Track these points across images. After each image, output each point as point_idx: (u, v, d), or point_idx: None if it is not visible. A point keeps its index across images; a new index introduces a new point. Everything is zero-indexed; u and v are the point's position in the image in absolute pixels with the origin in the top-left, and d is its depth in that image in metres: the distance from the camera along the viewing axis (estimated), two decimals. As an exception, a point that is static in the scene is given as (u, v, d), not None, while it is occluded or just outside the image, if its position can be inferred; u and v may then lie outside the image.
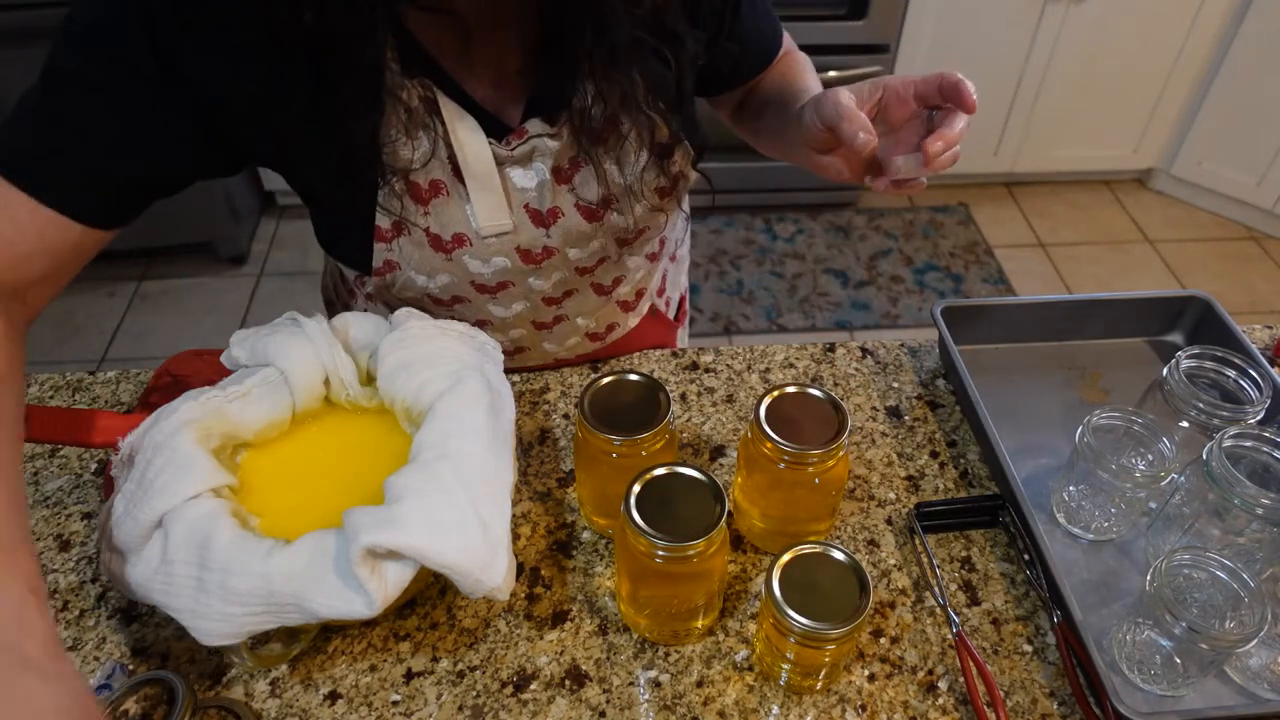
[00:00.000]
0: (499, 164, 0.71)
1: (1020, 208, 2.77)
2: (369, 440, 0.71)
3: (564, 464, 0.81)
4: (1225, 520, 0.69)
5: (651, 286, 0.95)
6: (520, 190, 0.73)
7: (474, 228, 0.73)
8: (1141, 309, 0.95)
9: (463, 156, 0.69)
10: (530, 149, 0.71)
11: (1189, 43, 2.44)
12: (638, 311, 0.94)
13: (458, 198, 0.72)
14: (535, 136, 0.70)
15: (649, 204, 0.77)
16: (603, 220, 0.77)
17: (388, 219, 0.72)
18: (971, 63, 2.44)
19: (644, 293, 0.93)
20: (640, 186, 0.75)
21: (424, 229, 0.73)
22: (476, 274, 0.77)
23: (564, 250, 0.78)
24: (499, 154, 0.70)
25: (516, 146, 0.70)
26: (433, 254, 0.75)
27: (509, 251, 0.76)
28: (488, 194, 0.71)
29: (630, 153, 0.73)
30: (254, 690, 0.65)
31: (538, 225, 0.75)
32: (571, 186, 0.74)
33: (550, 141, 0.71)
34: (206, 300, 2.43)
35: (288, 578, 0.57)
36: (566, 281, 0.82)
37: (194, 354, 0.80)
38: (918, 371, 0.92)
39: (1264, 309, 2.44)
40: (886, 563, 0.74)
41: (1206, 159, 2.63)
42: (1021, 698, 0.66)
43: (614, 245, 0.81)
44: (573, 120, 0.69)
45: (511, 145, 0.70)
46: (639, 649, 0.68)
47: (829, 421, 0.67)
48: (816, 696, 0.65)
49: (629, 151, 0.73)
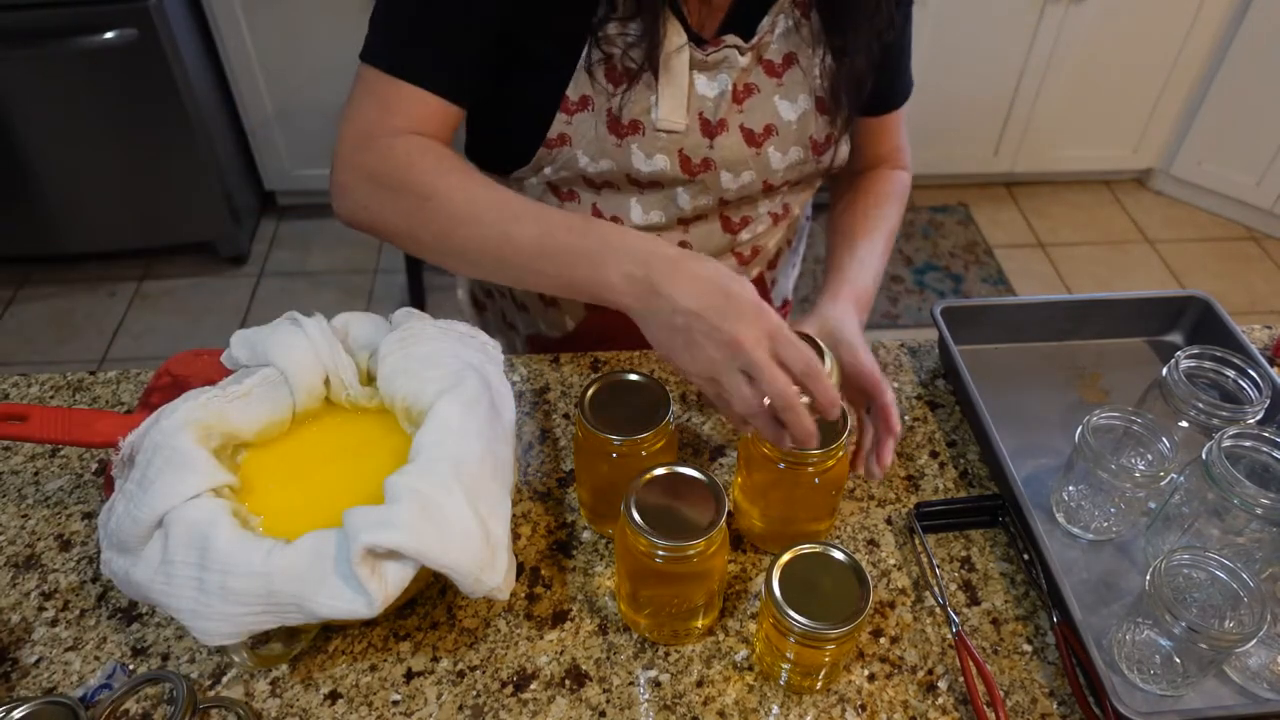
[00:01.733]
0: (691, 66, 0.78)
1: (1020, 208, 2.77)
2: (369, 440, 0.71)
3: (564, 464, 0.81)
4: (1225, 520, 0.69)
5: (766, 251, 0.99)
6: (700, 96, 0.80)
7: (652, 119, 0.80)
8: (1141, 309, 0.95)
9: (665, 51, 0.77)
10: (723, 57, 0.79)
11: (1189, 43, 2.44)
12: (749, 270, 0.99)
13: (645, 87, 0.78)
14: (729, 47, 0.79)
15: (801, 153, 0.86)
16: (760, 149, 0.84)
17: (577, 91, 0.79)
18: (971, 63, 2.44)
19: (760, 252, 0.98)
20: (799, 126, 0.84)
21: (607, 109, 0.79)
22: (636, 169, 0.83)
23: (719, 170, 0.84)
24: (695, 56, 0.78)
25: (711, 53, 0.79)
26: (606, 135, 0.81)
27: (672, 152, 0.82)
28: (674, 90, 0.79)
29: (798, 93, 0.83)
30: (254, 690, 0.65)
31: (704, 134, 0.82)
32: (741, 109, 0.82)
33: (739, 57, 0.79)
34: (206, 300, 2.43)
35: (288, 578, 0.57)
36: (705, 207, 0.88)
37: (194, 354, 0.80)
38: (918, 371, 0.92)
39: (1264, 309, 2.44)
40: (886, 563, 0.74)
41: (1206, 159, 2.63)
42: (1021, 697, 0.66)
43: (760, 185, 0.87)
44: (764, 44, 0.80)
45: (707, 51, 0.78)
46: (639, 649, 0.68)
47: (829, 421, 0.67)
48: (816, 696, 0.65)
49: (797, 92, 0.83)
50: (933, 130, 2.55)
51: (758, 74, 0.81)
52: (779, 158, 0.85)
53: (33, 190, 2.25)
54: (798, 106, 0.83)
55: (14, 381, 0.88)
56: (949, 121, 2.57)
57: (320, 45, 2.27)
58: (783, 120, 0.83)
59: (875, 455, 0.71)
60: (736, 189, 0.86)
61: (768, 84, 0.82)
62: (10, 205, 2.27)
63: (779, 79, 0.82)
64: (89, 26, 1.97)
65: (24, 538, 0.74)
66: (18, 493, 0.78)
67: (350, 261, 2.55)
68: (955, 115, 2.55)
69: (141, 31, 2.00)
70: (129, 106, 2.14)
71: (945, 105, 2.52)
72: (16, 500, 0.77)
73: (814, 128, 0.85)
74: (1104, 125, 2.63)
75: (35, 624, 0.68)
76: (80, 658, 0.66)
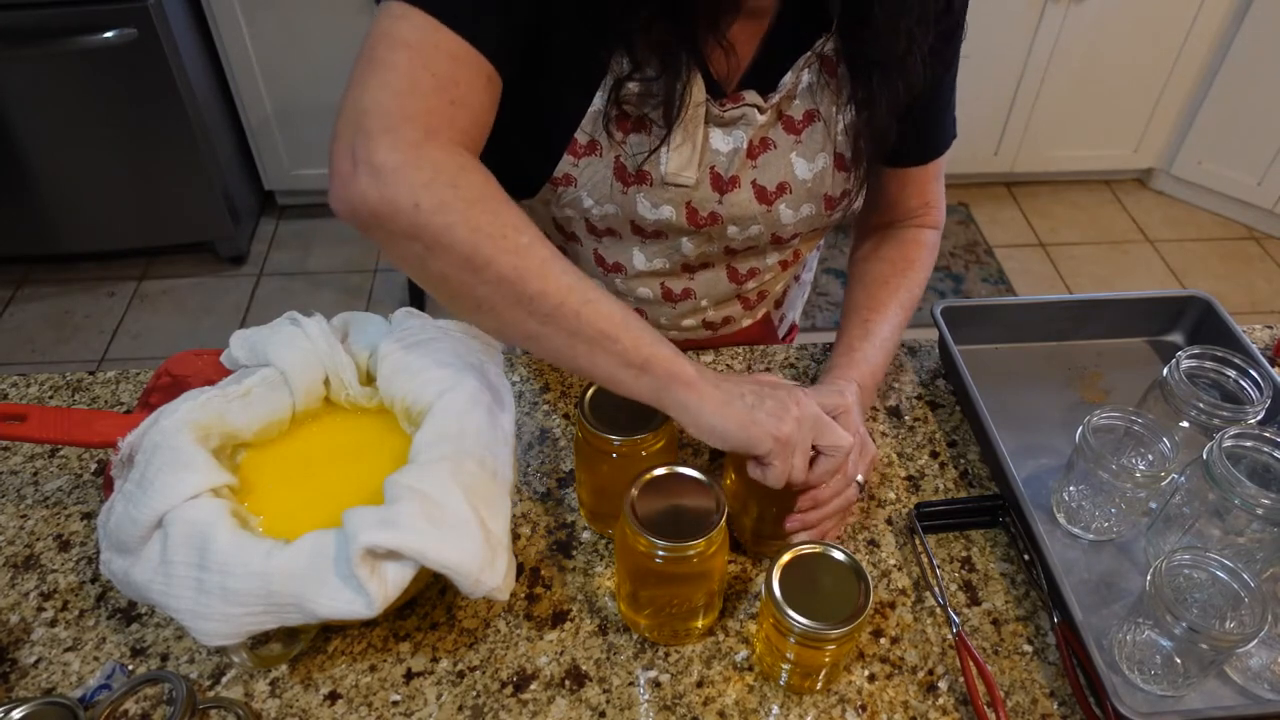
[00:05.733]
0: (706, 121, 0.75)
1: (1020, 208, 2.77)
2: (369, 440, 0.71)
3: (564, 464, 0.81)
4: (1225, 520, 0.69)
5: (774, 293, 0.98)
6: (714, 151, 0.77)
7: (660, 170, 0.76)
8: (1141, 309, 0.95)
9: (681, 103, 0.72)
10: (740, 114, 0.75)
11: (1189, 43, 2.44)
12: (754, 313, 0.97)
13: (656, 138, 0.75)
14: (747, 105, 0.75)
15: (813, 209, 0.82)
16: (771, 207, 0.81)
17: (586, 136, 0.75)
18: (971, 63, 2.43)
19: (766, 295, 0.96)
20: (813, 185, 0.80)
21: (615, 156, 0.76)
22: (641, 216, 0.80)
23: (726, 224, 0.81)
24: (712, 111, 0.75)
25: (729, 109, 0.75)
26: (612, 181, 0.78)
27: (679, 205, 0.79)
28: (686, 144, 0.75)
29: (816, 151, 0.79)
30: (254, 690, 0.65)
31: (715, 189, 0.79)
32: (755, 165, 0.78)
33: (758, 114, 0.75)
34: (206, 300, 2.43)
35: (288, 578, 0.57)
36: (710, 255, 0.86)
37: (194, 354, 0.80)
38: (918, 371, 0.92)
39: (1264, 309, 2.44)
40: (886, 563, 0.74)
41: (1206, 159, 2.63)
42: (1021, 698, 0.66)
43: (769, 238, 0.85)
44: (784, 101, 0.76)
45: (725, 107, 0.75)
46: (639, 649, 0.68)
47: None
48: (816, 696, 0.65)
49: (816, 150, 0.79)
50: (933, 130, 2.55)
51: (776, 130, 0.78)
52: (790, 214, 0.82)
53: (32, 190, 2.25)
54: (815, 165, 0.79)
55: (13, 381, 0.88)
56: (949, 121, 2.56)
57: (320, 45, 2.27)
58: (798, 179, 0.80)
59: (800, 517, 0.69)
60: (743, 240, 0.83)
61: (785, 141, 0.78)
62: (10, 205, 2.27)
63: (798, 136, 0.78)
64: (89, 26, 1.97)
65: (23, 538, 0.74)
66: (16, 493, 0.78)
67: (350, 261, 2.55)
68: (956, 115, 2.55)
69: (141, 31, 2.00)
70: (129, 106, 2.14)
71: (945, 105, 2.52)
72: (15, 500, 0.77)
73: (830, 185, 0.81)
74: (1104, 125, 2.63)
75: (34, 624, 0.68)
76: (79, 658, 0.66)
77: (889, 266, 0.87)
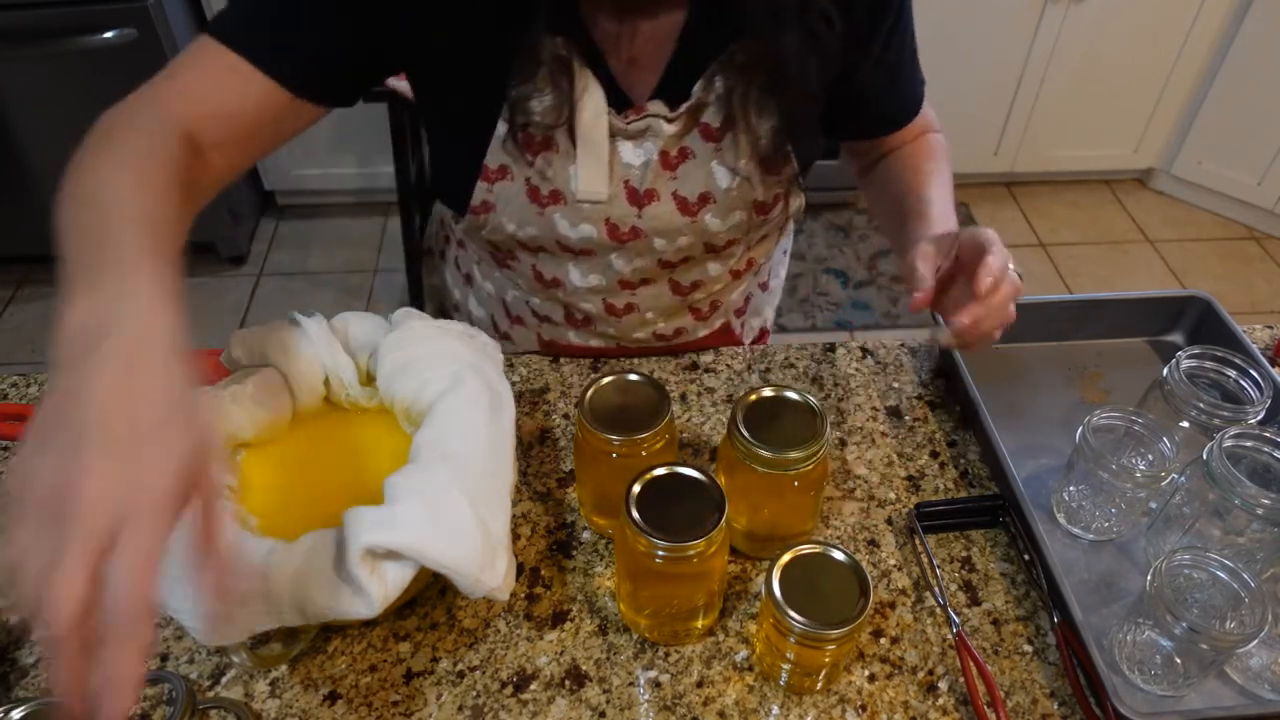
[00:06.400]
0: (612, 135, 0.74)
1: (1020, 208, 2.77)
2: (369, 440, 0.71)
3: (564, 464, 0.81)
4: (1225, 520, 0.69)
5: (729, 303, 0.96)
6: (624, 165, 0.76)
7: (572, 189, 0.76)
8: (1141, 309, 0.95)
9: (580, 117, 0.72)
10: (645, 126, 0.74)
11: (1189, 43, 2.44)
12: (709, 323, 0.96)
13: (565, 157, 0.75)
14: (652, 116, 0.74)
15: (744, 215, 0.80)
16: (695, 218, 0.79)
17: (495, 160, 0.75)
18: (971, 63, 2.44)
19: (719, 306, 0.94)
20: (739, 193, 0.78)
21: (526, 178, 0.76)
22: (563, 235, 0.80)
23: (651, 237, 0.80)
24: (614, 124, 0.74)
25: (633, 121, 0.74)
26: (528, 203, 0.77)
27: (598, 221, 0.78)
28: (593, 159, 0.74)
29: (738, 158, 0.76)
30: (254, 690, 0.65)
31: (632, 203, 0.78)
32: (674, 175, 0.77)
33: (665, 125, 0.74)
34: (206, 300, 2.43)
35: (288, 578, 0.57)
36: (646, 270, 0.84)
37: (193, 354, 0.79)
38: (918, 371, 0.92)
39: (1264, 309, 2.44)
40: (886, 563, 0.74)
41: (1206, 159, 2.63)
42: (1022, 698, 0.66)
43: (701, 248, 0.83)
44: (692, 109, 0.73)
45: (629, 119, 0.74)
46: (639, 649, 0.68)
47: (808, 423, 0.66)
48: (816, 696, 0.65)
49: (737, 157, 0.76)
50: (933, 130, 2.55)
51: (694, 139, 0.75)
52: (718, 223, 0.80)
53: (33, 190, 2.25)
54: (737, 172, 0.77)
55: (13, 381, 0.88)
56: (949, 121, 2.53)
57: (320, 45, 2.26)
58: (720, 188, 0.77)
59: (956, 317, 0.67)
60: (675, 252, 0.82)
61: (704, 149, 0.76)
62: (10, 205, 2.27)
63: (717, 144, 0.75)
64: (89, 26, 1.97)
65: (23, 538, 0.74)
66: (17, 493, 0.77)
67: (350, 261, 2.55)
68: (955, 115, 2.55)
69: (141, 31, 2.00)
70: (129, 106, 2.13)
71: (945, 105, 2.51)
72: (16, 500, 0.77)
73: (758, 191, 0.79)
74: (1104, 125, 2.63)
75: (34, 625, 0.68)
76: (79, 658, 0.66)
77: (911, 160, 0.86)
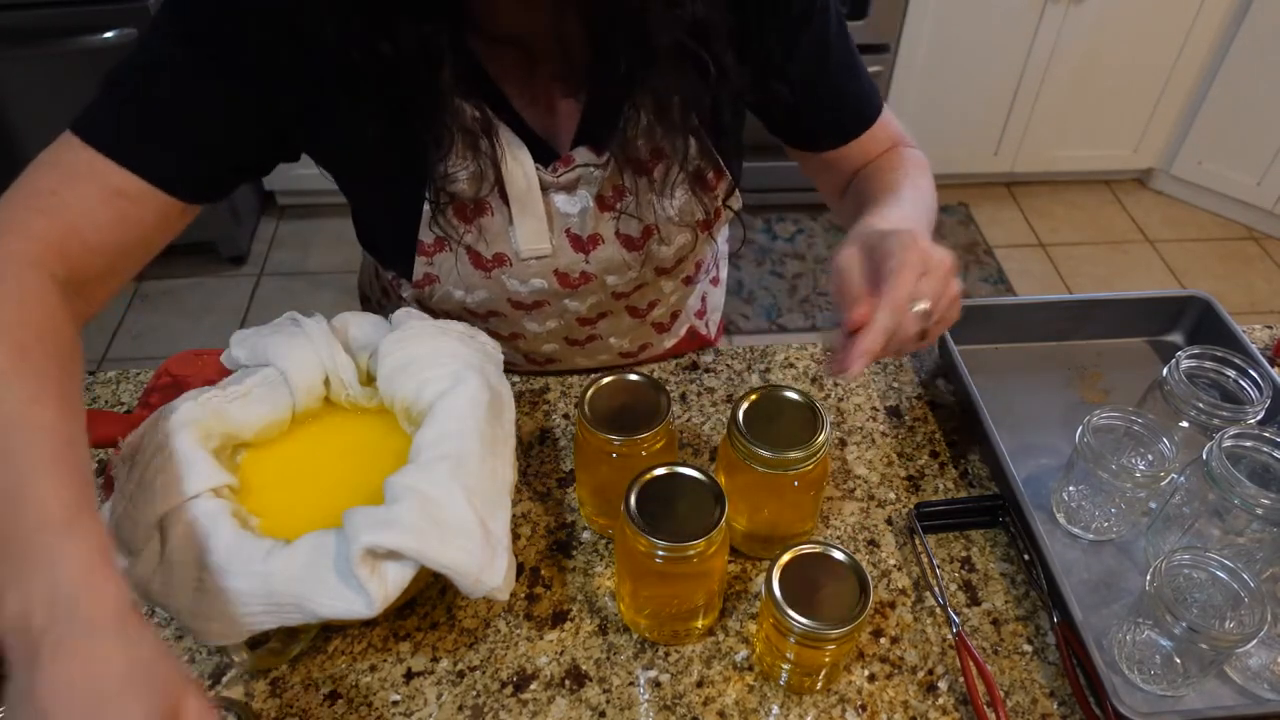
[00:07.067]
0: (544, 189, 0.72)
1: (1020, 208, 2.77)
2: (369, 440, 0.71)
3: (564, 464, 0.81)
4: (1225, 520, 0.69)
5: (688, 309, 0.96)
6: (563, 215, 0.75)
7: (514, 249, 0.75)
8: (1141, 309, 0.95)
9: (509, 179, 0.70)
10: (576, 176, 0.73)
11: (1189, 43, 2.44)
12: (673, 333, 0.96)
13: (501, 218, 0.73)
14: (581, 165, 0.72)
15: (689, 236, 0.79)
16: (643, 249, 0.78)
17: (429, 235, 0.74)
18: (971, 63, 2.44)
19: (679, 315, 0.95)
20: (680, 219, 0.77)
21: (466, 246, 0.74)
22: (514, 293, 0.79)
23: (602, 277, 0.79)
24: (544, 179, 0.72)
25: (563, 174, 0.72)
26: (472, 270, 0.76)
27: (547, 274, 0.78)
28: (530, 217, 0.73)
29: (672, 185, 0.74)
30: (254, 690, 0.65)
31: (577, 250, 0.76)
32: (615, 214, 0.75)
33: (596, 171, 0.72)
34: (206, 300, 2.43)
35: (288, 578, 0.57)
36: (602, 304, 0.84)
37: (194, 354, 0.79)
38: (918, 371, 0.92)
39: (1264, 309, 2.44)
40: (886, 563, 0.74)
41: (1206, 159, 2.63)
42: (1021, 698, 0.66)
43: (653, 273, 0.82)
44: (617, 150, 0.71)
45: (558, 172, 0.72)
46: (639, 649, 0.68)
47: (807, 423, 0.66)
48: (816, 696, 0.65)
49: (670, 184, 0.74)
50: (932, 130, 2.55)
51: (628, 175, 0.72)
52: (667, 250, 0.79)
53: (32, 190, 2.25)
54: (676, 199, 0.75)
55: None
56: (949, 121, 2.57)
57: (320, 45, 2.26)
58: (662, 218, 0.76)
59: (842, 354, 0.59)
60: (627, 284, 0.81)
61: (640, 184, 0.73)
62: (10, 205, 2.27)
63: (651, 176, 0.73)
64: (89, 26, 1.97)
65: (23, 538, 0.74)
66: (17, 493, 0.77)
67: (350, 262, 2.55)
68: (955, 115, 2.55)
69: (141, 31, 2.00)
70: (129, 106, 2.14)
71: (945, 105, 2.52)
72: (16, 500, 0.77)
73: (699, 210, 0.77)
74: (1104, 125, 2.63)
75: None
76: (80, 658, 0.66)
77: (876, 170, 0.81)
